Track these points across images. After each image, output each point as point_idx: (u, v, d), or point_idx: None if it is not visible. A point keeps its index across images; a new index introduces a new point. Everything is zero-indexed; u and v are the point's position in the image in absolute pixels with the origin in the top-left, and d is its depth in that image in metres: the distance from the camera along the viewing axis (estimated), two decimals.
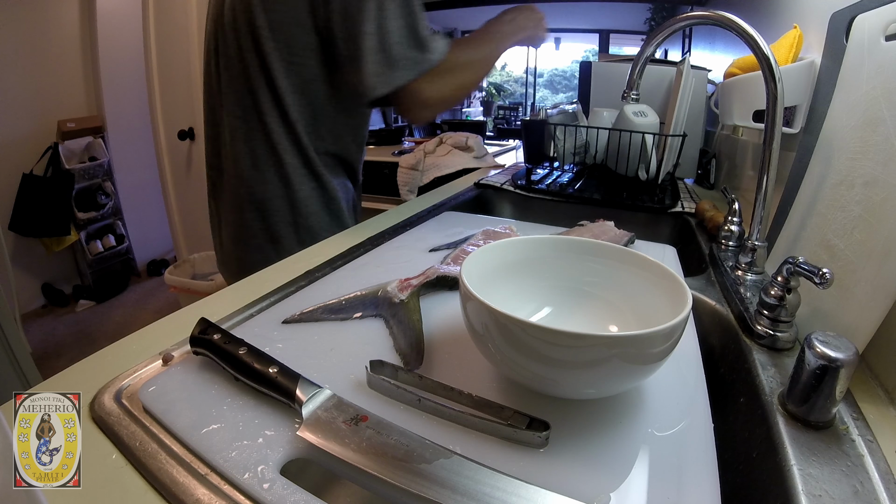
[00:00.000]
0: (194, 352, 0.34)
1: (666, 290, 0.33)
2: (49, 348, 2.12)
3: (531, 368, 0.29)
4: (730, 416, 0.41)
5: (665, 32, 0.61)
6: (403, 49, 0.66)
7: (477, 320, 0.30)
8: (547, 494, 0.23)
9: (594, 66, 1.35)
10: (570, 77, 3.48)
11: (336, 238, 0.68)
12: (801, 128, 0.64)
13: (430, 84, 0.70)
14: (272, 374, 0.29)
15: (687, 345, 0.39)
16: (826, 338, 0.31)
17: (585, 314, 0.39)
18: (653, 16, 2.75)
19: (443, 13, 3.10)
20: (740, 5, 1.18)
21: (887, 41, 0.43)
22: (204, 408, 0.30)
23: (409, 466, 0.24)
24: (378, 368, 0.32)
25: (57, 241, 2.37)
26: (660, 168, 0.95)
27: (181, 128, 2.21)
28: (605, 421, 0.30)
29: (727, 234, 0.63)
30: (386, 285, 0.44)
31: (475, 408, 0.29)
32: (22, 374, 1.40)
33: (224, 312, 0.44)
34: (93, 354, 0.37)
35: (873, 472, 0.28)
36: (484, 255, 0.37)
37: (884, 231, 0.37)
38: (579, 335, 0.26)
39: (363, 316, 0.42)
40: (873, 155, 0.41)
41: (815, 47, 0.66)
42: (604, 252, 0.39)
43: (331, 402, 0.29)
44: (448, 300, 0.46)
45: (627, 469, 0.26)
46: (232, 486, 0.25)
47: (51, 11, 2.30)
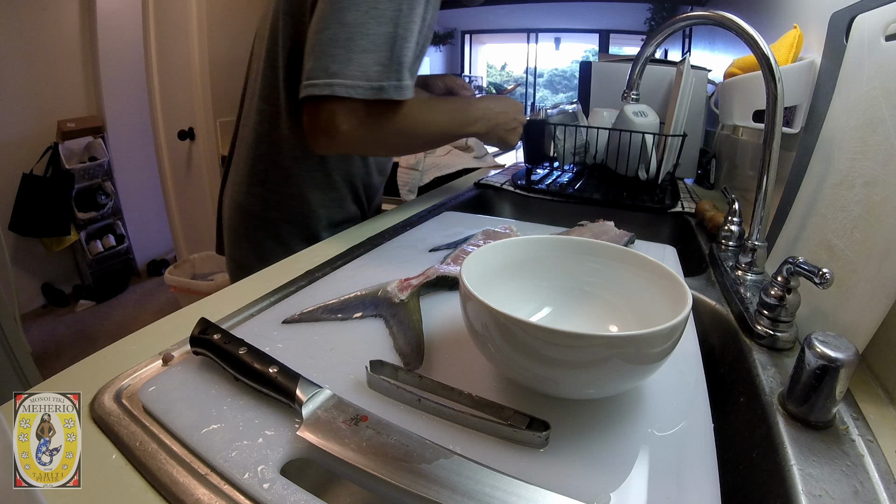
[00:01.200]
0: (194, 352, 0.34)
1: (666, 290, 0.33)
2: (49, 348, 2.12)
3: (531, 368, 0.29)
4: (730, 416, 0.41)
5: (665, 32, 0.61)
6: (370, 57, 0.54)
7: (477, 320, 0.30)
8: (547, 494, 0.23)
9: (594, 66, 1.35)
10: (570, 77, 3.47)
11: (336, 238, 0.68)
12: (801, 128, 0.64)
13: (362, 116, 0.56)
14: (272, 374, 0.29)
15: (687, 345, 0.39)
16: (826, 338, 0.31)
17: (585, 314, 0.39)
18: (653, 16, 2.75)
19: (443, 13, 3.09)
20: (740, 5, 1.18)
21: (887, 41, 0.43)
22: (204, 408, 0.30)
23: (409, 466, 0.24)
24: (378, 368, 0.32)
25: (57, 241, 2.37)
26: (660, 168, 0.95)
27: (181, 128, 2.21)
28: (606, 421, 0.30)
29: (727, 234, 0.63)
30: (386, 285, 0.44)
31: (475, 408, 0.29)
32: (22, 374, 1.40)
33: (224, 312, 0.44)
34: (93, 354, 0.37)
35: (873, 472, 0.28)
36: (484, 255, 0.37)
37: (884, 231, 0.37)
38: (579, 335, 0.26)
39: (363, 316, 0.42)
40: (873, 155, 0.41)
41: (815, 47, 0.66)
42: (604, 252, 0.39)
43: (331, 402, 0.29)
44: (448, 300, 0.46)
45: (627, 469, 0.26)
46: (232, 486, 0.25)
47: (51, 11, 2.29)
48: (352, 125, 0.56)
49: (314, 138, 0.59)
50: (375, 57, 0.54)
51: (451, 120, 0.70)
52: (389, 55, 0.55)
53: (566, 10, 3.02)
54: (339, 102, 0.54)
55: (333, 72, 0.53)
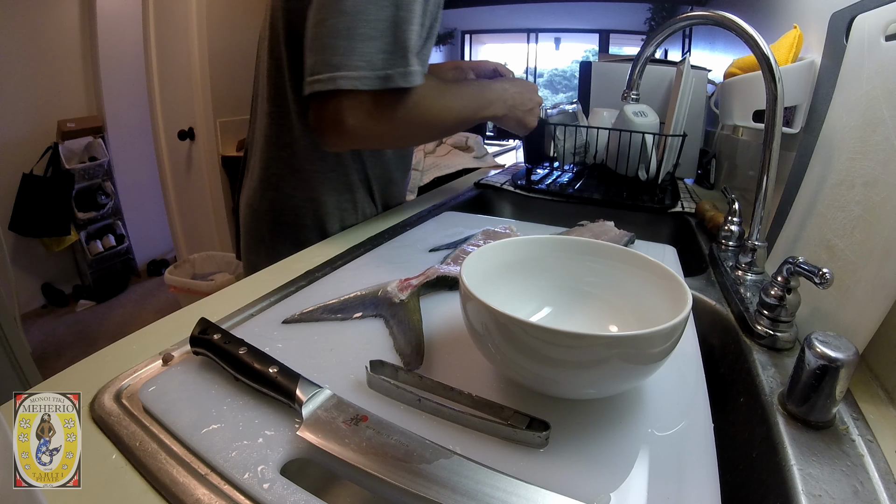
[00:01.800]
0: (194, 352, 0.34)
1: (666, 289, 0.33)
2: (49, 348, 2.12)
3: (531, 368, 0.29)
4: (730, 416, 0.41)
5: (665, 32, 0.61)
6: (373, 44, 0.51)
7: (477, 320, 0.30)
8: (547, 494, 0.23)
9: (594, 66, 1.35)
10: (570, 77, 3.48)
11: (336, 238, 0.68)
12: (801, 128, 0.64)
13: (370, 107, 0.53)
14: (272, 374, 0.29)
15: (687, 345, 0.39)
16: (826, 338, 0.31)
17: (585, 314, 0.39)
18: (653, 16, 2.75)
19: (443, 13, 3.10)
20: (740, 5, 1.18)
21: (887, 41, 0.43)
22: (204, 408, 0.30)
23: (409, 466, 0.24)
24: (378, 368, 0.32)
25: (57, 241, 2.37)
26: (660, 168, 0.95)
27: (181, 128, 2.21)
28: (605, 421, 0.30)
29: (727, 234, 0.63)
30: (386, 285, 0.44)
31: (475, 408, 0.29)
32: (22, 374, 1.40)
33: (224, 312, 0.44)
34: (93, 354, 0.37)
35: (873, 472, 0.28)
36: (484, 255, 0.37)
37: (884, 231, 0.37)
38: (579, 335, 0.26)
39: (363, 316, 0.42)
40: (873, 155, 0.41)
41: (815, 47, 0.66)
42: (604, 252, 0.39)
43: (331, 402, 0.29)
44: (448, 300, 0.46)
45: (627, 469, 0.26)
46: (232, 486, 0.25)
47: (51, 12, 2.29)
48: (360, 119, 0.53)
49: (323, 135, 0.57)
50: (379, 44, 0.51)
51: (466, 104, 0.65)
52: (393, 41, 0.52)
53: (566, 10, 3.02)
54: (345, 96, 0.52)
55: (336, 64, 0.51)
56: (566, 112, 1.12)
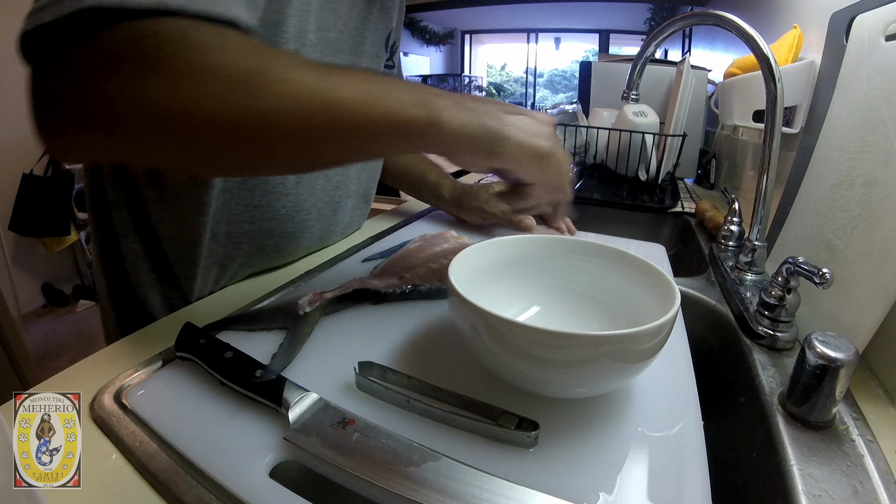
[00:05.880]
0: (179, 357, 0.34)
1: (654, 288, 0.33)
2: (49, 348, 2.12)
3: (520, 368, 0.28)
4: (730, 416, 0.41)
5: (665, 32, 0.61)
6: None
7: (465, 321, 0.29)
8: (536, 495, 0.23)
9: (594, 66, 1.35)
10: (570, 77, 3.48)
11: (335, 238, 0.68)
12: (801, 128, 0.64)
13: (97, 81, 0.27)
14: (257, 378, 0.29)
15: (676, 342, 0.39)
16: (826, 338, 0.31)
17: (574, 313, 0.39)
18: (653, 16, 2.75)
19: (443, 13, 3.10)
20: (740, 5, 1.19)
21: (887, 41, 0.43)
22: (195, 411, 0.29)
23: (398, 469, 0.24)
24: (366, 370, 0.32)
25: (57, 241, 2.37)
26: (660, 168, 0.95)
27: None
28: (595, 420, 0.29)
29: (727, 234, 0.63)
30: (299, 297, 0.41)
31: (464, 408, 0.29)
32: (22, 374, 1.40)
33: (221, 314, 0.44)
34: (93, 354, 0.37)
35: (873, 472, 0.28)
36: (471, 254, 0.37)
37: (884, 231, 0.37)
38: (567, 334, 0.25)
39: (268, 329, 0.39)
40: (873, 155, 0.41)
41: (815, 47, 0.66)
42: (592, 251, 0.39)
43: (317, 405, 0.28)
44: (438, 301, 0.45)
45: (617, 468, 0.26)
46: (221, 490, 0.24)
47: None
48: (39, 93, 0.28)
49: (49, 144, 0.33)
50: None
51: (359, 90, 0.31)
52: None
53: (566, 10, 3.02)
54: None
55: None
56: (566, 112, 1.13)
